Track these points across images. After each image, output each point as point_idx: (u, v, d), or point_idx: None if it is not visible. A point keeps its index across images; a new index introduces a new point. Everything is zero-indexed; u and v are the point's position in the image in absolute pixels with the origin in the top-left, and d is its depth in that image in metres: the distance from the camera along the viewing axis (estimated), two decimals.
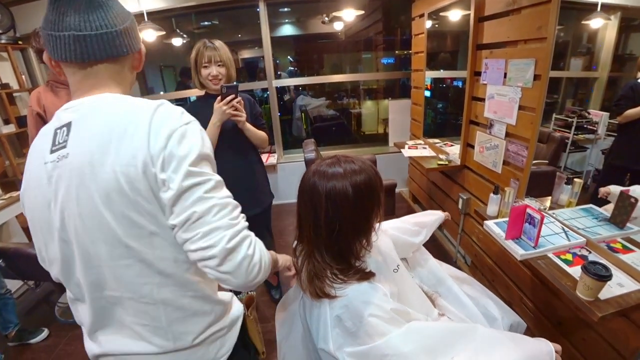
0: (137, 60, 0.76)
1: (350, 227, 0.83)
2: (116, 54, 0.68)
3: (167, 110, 0.67)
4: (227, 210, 0.66)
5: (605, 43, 1.74)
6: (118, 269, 0.67)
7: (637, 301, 1.06)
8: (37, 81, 3.35)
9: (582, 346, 1.38)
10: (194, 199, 0.63)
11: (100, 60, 0.67)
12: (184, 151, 0.64)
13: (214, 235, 0.63)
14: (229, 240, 0.64)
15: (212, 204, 0.64)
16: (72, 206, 0.64)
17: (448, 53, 2.97)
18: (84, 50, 0.64)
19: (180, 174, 0.63)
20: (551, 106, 1.96)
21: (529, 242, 1.35)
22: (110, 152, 0.62)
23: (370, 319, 0.80)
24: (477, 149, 2.11)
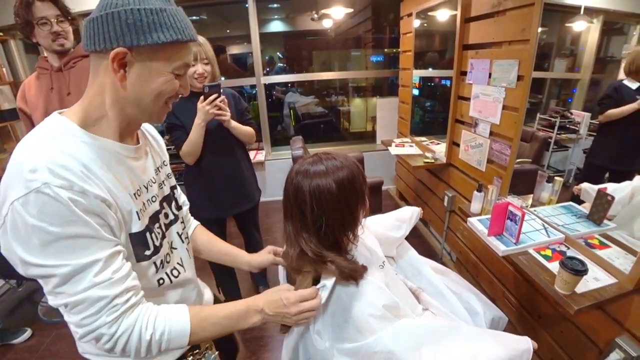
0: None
1: (337, 222, 0.84)
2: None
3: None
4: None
5: (587, 45, 1.78)
6: None
7: (611, 294, 1.10)
8: (19, 74, 3.26)
9: (560, 338, 1.43)
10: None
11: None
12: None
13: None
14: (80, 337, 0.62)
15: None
16: None
17: (436, 52, 3.00)
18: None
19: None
20: (535, 106, 2.01)
21: (510, 238, 1.39)
22: None
23: (360, 316, 0.82)
24: (462, 147, 2.15)
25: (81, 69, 1.63)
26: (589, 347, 1.28)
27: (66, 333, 2.09)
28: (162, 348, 0.66)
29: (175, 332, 0.66)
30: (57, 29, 1.51)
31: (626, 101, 1.53)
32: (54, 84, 1.58)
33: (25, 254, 0.55)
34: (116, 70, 0.60)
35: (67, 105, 1.57)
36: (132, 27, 0.59)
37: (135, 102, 0.65)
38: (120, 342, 0.62)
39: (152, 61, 0.62)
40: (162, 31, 0.60)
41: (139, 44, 0.59)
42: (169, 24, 0.61)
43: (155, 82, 0.64)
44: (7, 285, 2.52)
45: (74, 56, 1.62)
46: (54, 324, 2.20)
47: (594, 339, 1.27)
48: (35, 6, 1.46)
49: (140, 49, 0.60)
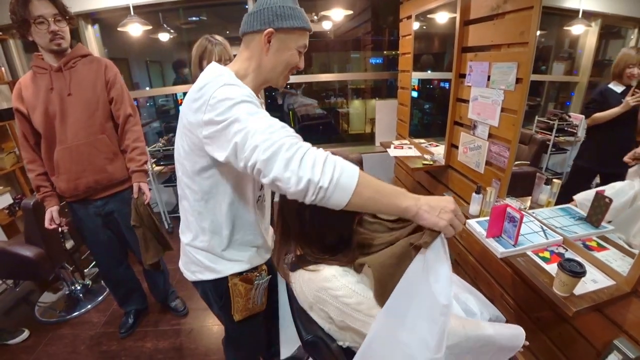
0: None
1: (332, 220, 0.84)
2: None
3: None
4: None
5: (586, 49, 1.79)
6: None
7: (609, 296, 1.11)
8: (17, 73, 3.25)
9: (559, 340, 1.44)
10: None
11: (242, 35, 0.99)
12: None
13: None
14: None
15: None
16: None
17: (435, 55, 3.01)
18: None
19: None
20: (534, 109, 2.01)
21: (509, 240, 1.39)
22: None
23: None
24: (461, 149, 2.15)
25: (81, 69, 1.62)
26: (587, 349, 1.28)
27: (62, 334, 2.09)
28: (334, 177, 0.70)
29: (347, 170, 0.72)
30: (54, 28, 1.48)
31: (612, 104, 1.55)
32: (54, 83, 1.56)
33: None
34: (265, 43, 0.92)
35: (68, 105, 1.57)
36: (279, 16, 0.90)
37: (271, 67, 0.96)
38: (300, 150, 0.72)
39: (286, 39, 0.94)
40: (295, 20, 0.92)
41: (282, 26, 0.91)
42: (299, 16, 0.94)
43: (285, 54, 0.95)
44: (4, 286, 2.51)
45: (73, 56, 1.60)
46: (51, 324, 2.19)
47: (592, 341, 1.27)
48: (33, 4, 1.42)
49: (281, 30, 0.92)
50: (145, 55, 4.61)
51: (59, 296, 2.45)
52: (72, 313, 2.28)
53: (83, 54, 1.64)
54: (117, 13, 2.95)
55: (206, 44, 1.62)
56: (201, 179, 0.95)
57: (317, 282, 0.84)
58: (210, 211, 1.00)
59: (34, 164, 1.67)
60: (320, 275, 0.84)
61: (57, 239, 2.11)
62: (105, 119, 1.68)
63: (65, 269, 2.37)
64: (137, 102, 4.54)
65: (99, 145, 1.65)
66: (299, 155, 0.71)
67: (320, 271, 0.85)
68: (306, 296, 0.88)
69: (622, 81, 1.54)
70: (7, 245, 2.02)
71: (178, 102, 5.15)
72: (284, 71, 0.98)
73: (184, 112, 0.90)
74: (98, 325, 2.17)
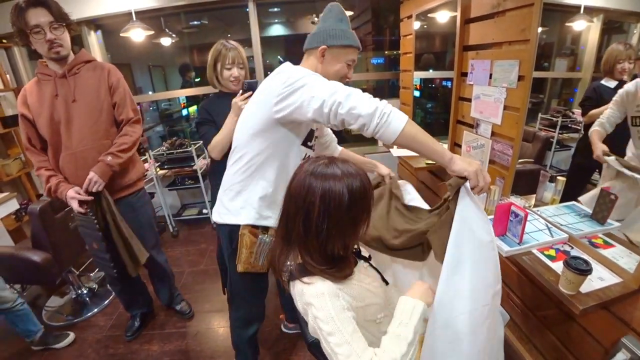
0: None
1: (338, 230, 0.81)
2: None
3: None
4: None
5: (588, 44, 1.78)
6: None
7: (616, 294, 1.10)
8: (22, 80, 3.29)
9: (566, 338, 1.42)
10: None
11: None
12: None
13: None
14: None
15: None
16: None
17: (436, 54, 3.00)
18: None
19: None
20: (537, 106, 2.00)
21: (513, 238, 1.38)
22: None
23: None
24: (464, 148, 2.14)
25: (85, 75, 1.62)
26: (595, 347, 1.27)
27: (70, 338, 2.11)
28: (392, 109, 1.00)
29: (398, 111, 1.01)
30: (50, 36, 1.46)
31: (606, 100, 1.55)
32: (59, 90, 1.57)
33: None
34: (320, 57, 1.22)
35: (72, 111, 1.59)
36: (331, 36, 1.20)
37: (324, 75, 1.16)
38: (366, 94, 1.05)
39: (337, 54, 1.22)
40: (345, 39, 1.21)
41: (333, 44, 1.20)
42: (349, 37, 1.22)
43: (336, 66, 1.23)
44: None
45: (77, 62, 1.60)
46: (58, 328, 2.20)
47: (599, 339, 1.26)
48: (28, 14, 1.41)
49: (333, 47, 1.21)
50: (148, 60, 4.65)
51: (65, 300, 2.46)
52: (79, 317, 2.30)
53: (86, 60, 1.65)
54: (119, 19, 2.98)
55: (221, 48, 1.65)
56: (261, 140, 1.22)
57: (307, 296, 0.81)
58: (260, 168, 1.27)
59: (42, 163, 1.66)
60: (312, 289, 0.81)
61: (64, 243, 2.12)
62: (109, 124, 1.68)
63: (72, 273, 2.39)
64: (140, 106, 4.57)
65: (103, 151, 1.65)
66: (367, 95, 1.03)
67: (313, 284, 0.82)
68: (298, 305, 0.86)
69: (614, 76, 1.55)
70: (15, 250, 2.04)
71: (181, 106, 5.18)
72: (335, 79, 1.20)
73: (262, 90, 1.23)
74: (104, 328, 2.18)
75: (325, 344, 0.76)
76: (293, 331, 2.03)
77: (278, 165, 1.27)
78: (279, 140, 1.23)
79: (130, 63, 4.37)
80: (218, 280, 1.94)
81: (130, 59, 4.28)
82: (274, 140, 1.22)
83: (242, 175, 1.29)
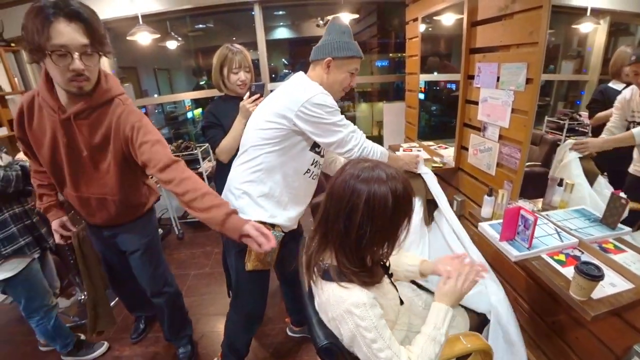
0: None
1: (380, 235, 0.83)
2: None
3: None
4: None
5: (595, 46, 1.77)
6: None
7: (629, 300, 1.08)
8: (30, 84, 3.32)
9: (576, 345, 1.40)
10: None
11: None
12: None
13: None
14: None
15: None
16: None
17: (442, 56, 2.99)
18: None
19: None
20: (543, 108, 1.99)
21: (522, 243, 1.37)
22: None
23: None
24: (471, 151, 2.13)
25: (97, 120, 1.23)
26: (606, 354, 1.25)
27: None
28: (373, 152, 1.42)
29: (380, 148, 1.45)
30: (78, 66, 1.05)
31: (613, 103, 1.55)
32: (62, 134, 1.22)
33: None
34: (325, 68, 1.32)
35: (75, 162, 1.27)
36: (336, 48, 1.29)
37: (329, 84, 1.34)
38: (366, 149, 1.41)
39: (341, 65, 1.33)
40: (348, 51, 1.31)
41: (338, 55, 1.30)
42: (352, 48, 1.32)
43: (341, 77, 1.35)
44: None
45: (92, 104, 1.19)
46: None
47: (610, 346, 1.24)
48: (55, 27, 0.98)
49: (337, 58, 1.31)
50: (153, 63, 4.68)
51: (72, 302, 2.47)
52: (85, 318, 2.29)
53: (107, 99, 1.23)
54: (125, 22, 3.00)
55: (227, 53, 1.66)
56: (272, 143, 1.29)
57: (346, 303, 0.83)
58: (269, 170, 1.32)
59: (39, 175, 1.48)
60: (352, 297, 0.83)
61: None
62: (123, 176, 1.36)
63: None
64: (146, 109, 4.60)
65: (111, 203, 1.42)
66: (365, 154, 1.40)
67: (351, 291, 0.84)
68: (332, 309, 0.87)
69: (621, 79, 1.55)
70: None
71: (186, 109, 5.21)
72: (340, 88, 1.38)
73: (280, 99, 1.31)
74: (110, 331, 2.18)
75: (366, 349, 0.83)
76: (299, 335, 2.02)
77: (287, 168, 1.33)
78: (290, 146, 1.31)
79: (136, 66, 4.39)
80: (223, 283, 1.93)
81: (136, 62, 4.31)
82: (285, 145, 1.30)
83: (251, 175, 1.33)
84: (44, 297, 1.76)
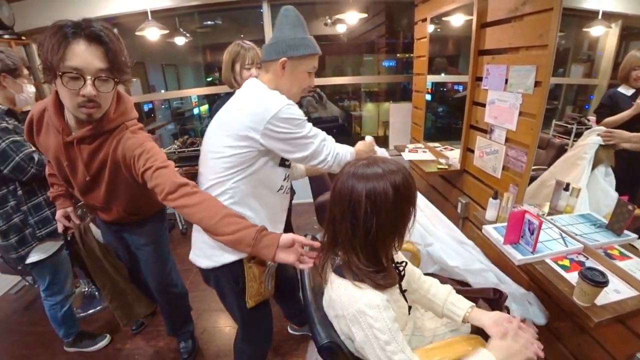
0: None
1: (387, 227, 0.84)
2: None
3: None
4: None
5: (605, 51, 1.75)
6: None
7: (633, 307, 1.07)
8: (39, 77, 3.35)
9: (578, 352, 1.39)
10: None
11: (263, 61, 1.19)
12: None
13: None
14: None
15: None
16: None
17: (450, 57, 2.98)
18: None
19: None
20: (551, 112, 1.97)
21: (527, 247, 1.36)
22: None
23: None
24: (477, 153, 2.12)
25: (97, 148, 1.17)
26: None
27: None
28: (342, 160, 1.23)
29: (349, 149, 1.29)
30: (90, 92, 0.99)
31: (622, 108, 1.53)
32: (67, 159, 1.20)
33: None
34: (280, 70, 1.14)
35: (82, 182, 1.26)
36: (291, 46, 1.12)
37: (287, 87, 1.17)
38: (338, 156, 1.23)
39: (298, 65, 1.15)
40: (306, 48, 1.14)
41: (294, 54, 1.12)
42: (309, 45, 1.15)
43: (298, 77, 1.18)
44: (24, 282, 2.58)
45: (96, 132, 1.13)
46: None
47: (613, 354, 1.23)
48: (72, 48, 0.94)
49: (293, 58, 1.13)
50: (161, 59, 4.71)
51: (75, 294, 2.49)
52: (88, 310, 2.33)
53: (111, 128, 1.16)
54: (135, 18, 3.01)
55: (239, 49, 1.67)
56: (239, 171, 1.12)
57: (360, 303, 0.83)
58: (243, 198, 1.16)
59: (50, 164, 1.45)
60: (365, 297, 0.83)
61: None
62: (130, 190, 1.32)
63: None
64: (153, 104, 4.63)
65: (120, 210, 1.42)
66: (338, 160, 1.23)
67: (365, 291, 0.84)
68: (342, 307, 0.87)
69: (630, 84, 1.53)
70: None
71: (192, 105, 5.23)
72: (299, 91, 1.21)
73: (238, 118, 1.11)
74: (112, 323, 2.20)
75: (379, 351, 0.82)
76: (299, 333, 2.03)
77: (259, 191, 1.18)
78: (258, 168, 1.14)
79: (144, 62, 4.42)
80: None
81: (144, 57, 4.34)
82: (253, 168, 1.13)
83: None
84: (65, 282, 1.81)
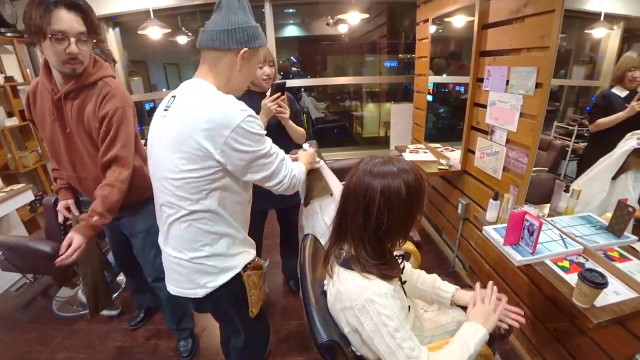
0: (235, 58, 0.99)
1: (397, 223, 0.88)
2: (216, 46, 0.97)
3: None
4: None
5: (607, 52, 1.74)
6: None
7: (632, 309, 1.07)
8: None
9: (577, 353, 1.39)
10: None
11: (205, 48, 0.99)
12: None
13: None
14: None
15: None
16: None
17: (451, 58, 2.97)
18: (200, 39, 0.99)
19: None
20: (552, 114, 1.97)
21: (526, 248, 1.36)
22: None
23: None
24: (477, 154, 2.12)
25: (83, 101, 1.34)
26: None
27: (78, 328, 2.14)
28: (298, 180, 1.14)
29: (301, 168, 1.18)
30: (73, 50, 1.21)
31: (615, 110, 1.52)
32: (55, 113, 1.36)
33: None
34: (240, 61, 0.99)
35: (70, 140, 1.39)
36: (251, 36, 0.98)
37: (243, 79, 1.06)
38: (294, 178, 1.11)
39: (252, 57, 1.04)
40: (261, 39, 1.03)
41: (254, 45, 1.00)
42: (262, 34, 1.03)
43: (252, 70, 1.08)
44: (25, 280, 2.59)
45: (80, 85, 1.32)
46: (67, 319, 2.24)
47: (612, 355, 1.23)
48: (55, 14, 1.15)
49: (252, 49, 1.01)
50: (163, 57, 4.72)
51: (76, 291, 2.50)
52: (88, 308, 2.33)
53: (93, 81, 1.34)
54: (137, 16, 3.02)
55: None
56: (206, 193, 0.99)
57: (368, 292, 0.85)
58: (219, 220, 1.04)
59: (53, 159, 1.56)
60: (374, 286, 0.86)
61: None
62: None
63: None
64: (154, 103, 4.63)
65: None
66: (293, 183, 1.11)
67: (373, 281, 0.87)
68: (350, 299, 0.88)
69: (625, 85, 1.52)
70: (28, 240, 2.07)
71: None
72: (246, 85, 1.11)
73: (188, 133, 0.92)
74: (113, 321, 2.21)
75: (389, 339, 0.83)
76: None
77: (231, 209, 1.06)
78: (224, 185, 1.01)
79: (146, 60, 4.43)
80: None
81: (146, 56, 4.35)
82: (218, 188, 1.00)
83: (199, 241, 1.04)
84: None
